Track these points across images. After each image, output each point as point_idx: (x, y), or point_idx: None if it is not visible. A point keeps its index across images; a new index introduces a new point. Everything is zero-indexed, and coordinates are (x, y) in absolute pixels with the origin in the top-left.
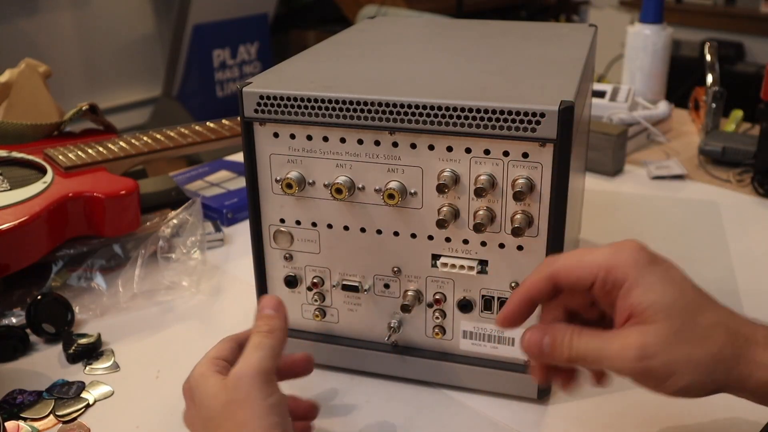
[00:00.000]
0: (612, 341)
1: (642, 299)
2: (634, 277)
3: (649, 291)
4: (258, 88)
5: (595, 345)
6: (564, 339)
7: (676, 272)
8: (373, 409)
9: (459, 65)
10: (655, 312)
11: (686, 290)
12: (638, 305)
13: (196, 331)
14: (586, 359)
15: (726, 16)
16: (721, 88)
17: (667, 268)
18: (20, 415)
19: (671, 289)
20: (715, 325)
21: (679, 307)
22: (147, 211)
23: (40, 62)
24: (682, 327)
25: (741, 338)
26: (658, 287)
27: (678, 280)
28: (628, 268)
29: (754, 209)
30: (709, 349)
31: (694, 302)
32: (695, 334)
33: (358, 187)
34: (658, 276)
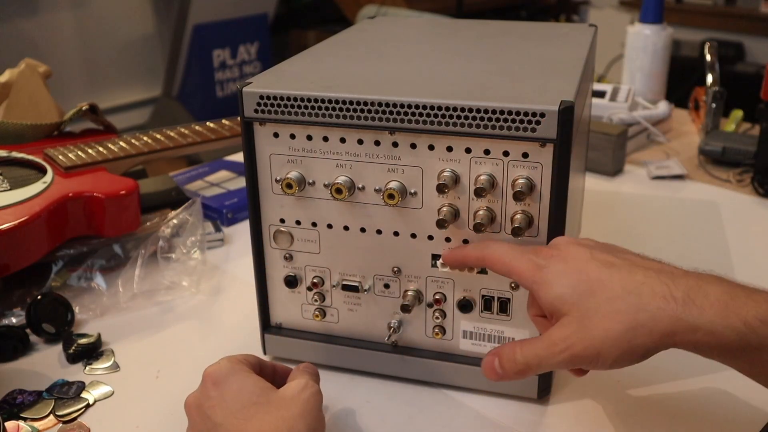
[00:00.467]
0: (542, 344)
1: (547, 297)
2: (538, 281)
3: (550, 288)
4: (258, 88)
5: (533, 353)
6: (510, 356)
7: (577, 259)
8: (373, 409)
9: (459, 65)
10: (561, 305)
11: (587, 272)
12: (547, 304)
13: (196, 331)
14: (532, 367)
15: (726, 16)
16: (721, 88)
17: (568, 258)
18: (20, 415)
19: (568, 279)
20: (622, 294)
21: (581, 290)
22: (147, 211)
23: (40, 62)
24: (590, 308)
25: (657, 298)
26: (556, 282)
27: (577, 266)
28: (531, 273)
29: (754, 209)
30: (622, 320)
31: (596, 280)
32: (604, 311)
33: (358, 187)
34: (557, 271)
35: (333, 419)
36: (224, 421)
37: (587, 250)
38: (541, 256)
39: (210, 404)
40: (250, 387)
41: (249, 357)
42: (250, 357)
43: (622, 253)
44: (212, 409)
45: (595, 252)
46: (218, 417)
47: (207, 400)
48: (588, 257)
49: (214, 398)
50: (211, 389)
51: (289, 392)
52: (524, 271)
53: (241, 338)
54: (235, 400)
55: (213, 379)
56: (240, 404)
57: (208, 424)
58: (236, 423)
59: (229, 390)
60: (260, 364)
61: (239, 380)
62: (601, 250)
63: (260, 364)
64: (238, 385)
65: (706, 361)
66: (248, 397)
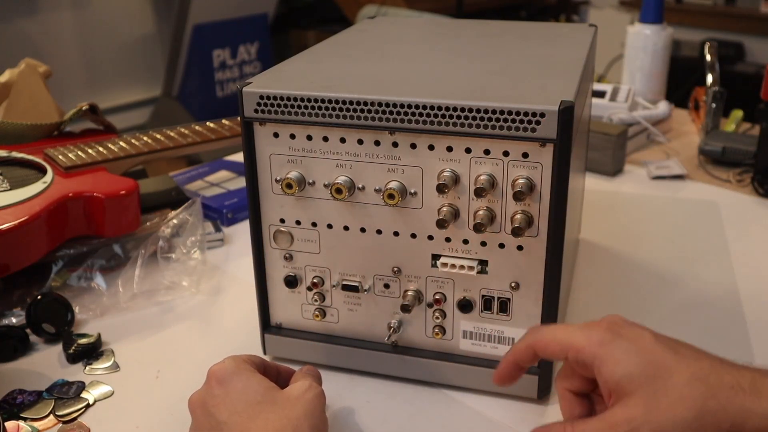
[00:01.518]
0: (601, 424)
1: (612, 375)
2: (601, 356)
3: (616, 366)
4: (258, 88)
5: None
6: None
7: (642, 339)
8: (373, 409)
9: (459, 65)
10: (628, 384)
11: (654, 353)
12: (611, 382)
13: (196, 331)
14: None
15: (726, 16)
16: (721, 88)
17: (633, 338)
18: (20, 415)
19: (637, 358)
20: (691, 381)
21: (650, 373)
22: (147, 211)
23: (40, 62)
24: (658, 391)
25: (725, 388)
26: (624, 359)
27: (644, 346)
28: (593, 347)
29: (754, 209)
30: (691, 407)
31: (664, 364)
32: (673, 396)
33: (358, 187)
34: (623, 348)
35: (333, 419)
36: (228, 420)
37: (648, 332)
38: (603, 330)
39: (214, 402)
40: (255, 386)
41: (253, 357)
42: (254, 357)
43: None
44: (216, 407)
45: (657, 335)
46: (222, 415)
47: (211, 399)
48: (653, 339)
49: (219, 396)
50: (216, 388)
51: (294, 392)
52: (585, 345)
53: (241, 338)
54: (240, 398)
55: (218, 377)
56: (244, 403)
57: (212, 422)
58: (240, 421)
59: (234, 389)
60: (264, 364)
61: (244, 379)
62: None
63: (264, 364)
64: (242, 384)
65: None
66: (253, 396)
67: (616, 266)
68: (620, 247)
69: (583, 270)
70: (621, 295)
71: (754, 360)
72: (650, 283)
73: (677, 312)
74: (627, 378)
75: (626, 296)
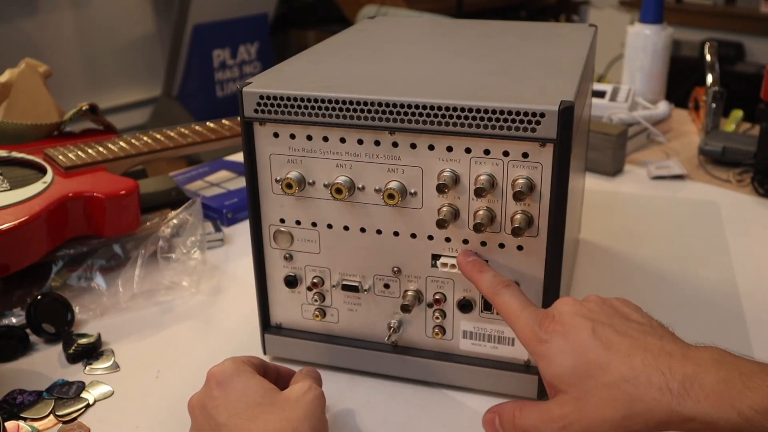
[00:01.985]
0: (541, 416)
1: (546, 372)
2: (538, 353)
3: (549, 364)
4: (258, 88)
5: (531, 422)
6: (510, 416)
7: (579, 335)
8: (373, 409)
9: (459, 65)
10: (560, 383)
11: (587, 352)
12: (546, 378)
13: (196, 331)
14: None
15: (726, 16)
16: (721, 88)
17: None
18: (20, 415)
19: (568, 357)
20: (619, 382)
21: (580, 372)
22: (147, 211)
23: (40, 62)
24: (588, 391)
25: (653, 389)
26: (556, 358)
27: (579, 345)
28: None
29: (754, 209)
30: (618, 408)
31: (596, 362)
32: (602, 396)
33: (358, 187)
34: (557, 348)
35: (333, 419)
36: (228, 421)
37: (589, 324)
38: (544, 327)
39: (214, 404)
40: (255, 388)
41: (253, 358)
42: (253, 358)
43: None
44: (216, 409)
45: (597, 327)
46: (222, 417)
47: (211, 400)
48: (589, 334)
49: (218, 398)
50: (215, 389)
51: (294, 394)
52: (526, 339)
53: (241, 338)
54: (240, 400)
55: (217, 379)
56: (244, 404)
57: (212, 423)
58: (240, 423)
59: (234, 390)
60: (264, 365)
61: (243, 381)
62: (604, 323)
63: (264, 365)
64: (242, 385)
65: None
66: (252, 398)
67: (616, 266)
68: (620, 247)
69: (583, 270)
70: (621, 294)
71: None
72: (650, 283)
73: (677, 311)
74: (558, 377)
75: (626, 296)
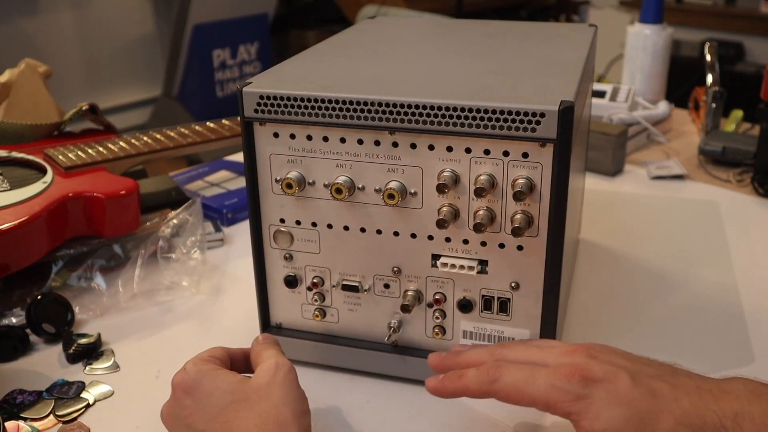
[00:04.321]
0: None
1: (593, 430)
2: (578, 412)
3: (597, 419)
4: (258, 88)
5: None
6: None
7: (619, 385)
8: (373, 409)
9: (459, 65)
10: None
11: (634, 402)
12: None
13: (196, 331)
14: None
15: (726, 16)
16: (721, 88)
17: (610, 387)
18: (20, 415)
19: (617, 410)
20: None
21: (635, 423)
22: (147, 211)
23: (40, 62)
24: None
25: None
26: (603, 414)
27: (623, 395)
28: (566, 404)
29: (754, 209)
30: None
31: (646, 411)
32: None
33: (358, 187)
34: (601, 402)
35: (333, 419)
36: (207, 428)
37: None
38: (576, 382)
39: (187, 413)
40: (223, 386)
41: (214, 351)
42: (215, 351)
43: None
44: (191, 417)
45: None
46: (199, 425)
47: (183, 410)
48: (630, 383)
49: (190, 407)
50: (184, 398)
51: (263, 379)
52: (559, 403)
53: (241, 338)
54: (211, 404)
55: (183, 387)
56: (218, 408)
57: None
58: (219, 428)
59: (203, 395)
60: (230, 354)
61: (209, 382)
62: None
63: (230, 354)
64: (209, 387)
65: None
66: (223, 397)
67: (616, 266)
68: (620, 247)
69: (583, 270)
70: (621, 295)
71: (755, 359)
72: (650, 283)
73: (677, 312)
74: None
75: (626, 296)
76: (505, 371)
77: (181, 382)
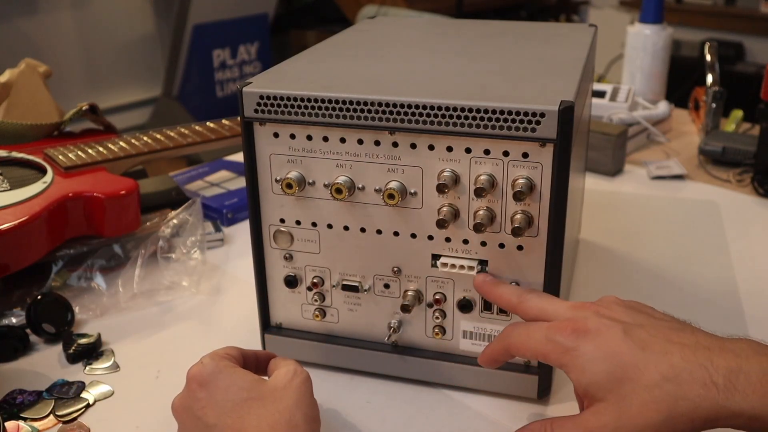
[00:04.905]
0: (578, 426)
1: (579, 382)
2: (566, 364)
3: (582, 374)
4: (258, 88)
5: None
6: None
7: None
8: (373, 409)
9: (459, 65)
10: (596, 391)
11: (620, 355)
12: (580, 388)
13: (196, 331)
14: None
15: (726, 16)
16: (721, 88)
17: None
18: (20, 415)
19: (603, 364)
20: (660, 382)
21: (617, 376)
22: (147, 211)
23: (40, 62)
24: (627, 396)
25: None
26: (588, 367)
27: (610, 349)
28: (557, 355)
29: (754, 209)
30: (661, 410)
31: (631, 365)
32: (643, 398)
33: (358, 187)
34: (588, 355)
35: (333, 419)
36: (219, 422)
37: (619, 327)
38: (567, 335)
39: (199, 406)
40: (239, 383)
41: (231, 350)
42: (231, 350)
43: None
44: (203, 410)
45: (627, 328)
46: (211, 418)
47: (195, 402)
48: (620, 336)
49: (203, 399)
50: (198, 391)
51: (280, 382)
52: (551, 354)
53: (241, 338)
54: (226, 398)
55: (198, 380)
56: (232, 402)
57: (201, 426)
58: (231, 422)
59: (218, 389)
60: (243, 355)
61: (226, 377)
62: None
63: (243, 355)
64: (225, 382)
65: None
66: (238, 394)
67: (616, 266)
68: (620, 247)
69: (583, 270)
70: (621, 294)
71: None
72: (650, 282)
73: (677, 311)
74: (594, 385)
75: (626, 296)
76: (513, 328)
77: (197, 374)
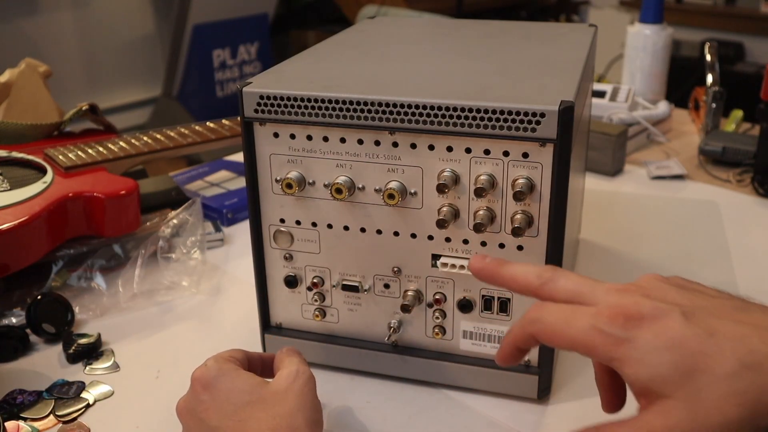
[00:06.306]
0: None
1: (637, 378)
2: (619, 358)
3: (640, 367)
4: (258, 88)
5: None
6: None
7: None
8: (373, 409)
9: (459, 65)
10: (660, 387)
11: (686, 343)
12: (638, 385)
13: (196, 331)
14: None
15: (726, 16)
16: (721, 88)
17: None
18: (20, 415)
19: (667, 355)
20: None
21: (686, 368)
22: (147, 211)
23: (40, 62)
24: (701, 390)
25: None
26: (648, 359)
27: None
28: (606, 347)
29: (754, 209)
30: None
31: (701, 354)
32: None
33: (358, 187)
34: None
35: (333, 419)
36: (221, 424)
37: (677, 310)
38: (620, 324)
39: (203, 408)
40: (241, 386)
41: (235, 353)
42: (236, 353)
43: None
44: (206, 412)
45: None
46: (213, 420)
47: (199, 404)
48: (682, 321)
49: (206, 402)
50: (202, 393)
51: (282, 385)
52: (599, 347)
53: (241, 338)
54: (228, 401)
55: (202, 382)
56: (234, 406)
57: (203, 428)
58: (233, 426)
59: (221, 392)
60: (248, 357)
61: (229, 380)
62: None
63: (248, 357)
64: (228, 385)
65: None
66: (241, 397)
67: (616, 266)
68: (620, 247)
69: (583, 270)
70: None
71: None
72: None
73: None
74: (657, 380)
75: None
76: (545, 311)
77: (200, 376)
